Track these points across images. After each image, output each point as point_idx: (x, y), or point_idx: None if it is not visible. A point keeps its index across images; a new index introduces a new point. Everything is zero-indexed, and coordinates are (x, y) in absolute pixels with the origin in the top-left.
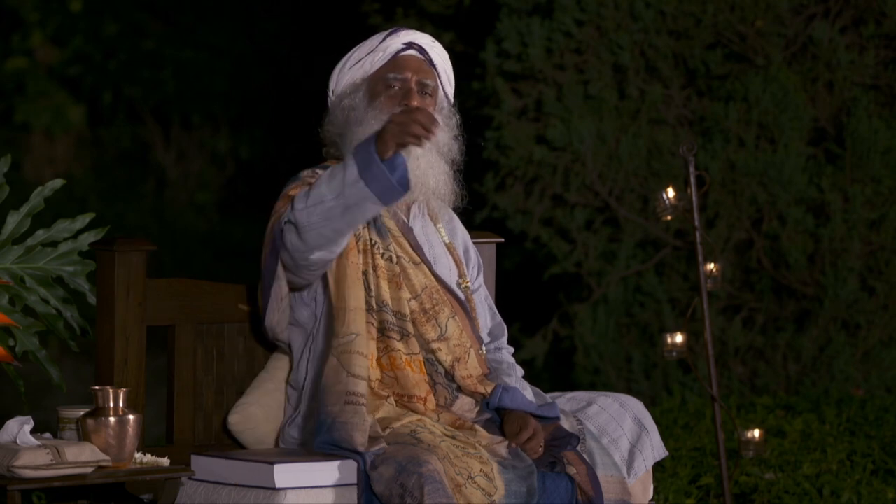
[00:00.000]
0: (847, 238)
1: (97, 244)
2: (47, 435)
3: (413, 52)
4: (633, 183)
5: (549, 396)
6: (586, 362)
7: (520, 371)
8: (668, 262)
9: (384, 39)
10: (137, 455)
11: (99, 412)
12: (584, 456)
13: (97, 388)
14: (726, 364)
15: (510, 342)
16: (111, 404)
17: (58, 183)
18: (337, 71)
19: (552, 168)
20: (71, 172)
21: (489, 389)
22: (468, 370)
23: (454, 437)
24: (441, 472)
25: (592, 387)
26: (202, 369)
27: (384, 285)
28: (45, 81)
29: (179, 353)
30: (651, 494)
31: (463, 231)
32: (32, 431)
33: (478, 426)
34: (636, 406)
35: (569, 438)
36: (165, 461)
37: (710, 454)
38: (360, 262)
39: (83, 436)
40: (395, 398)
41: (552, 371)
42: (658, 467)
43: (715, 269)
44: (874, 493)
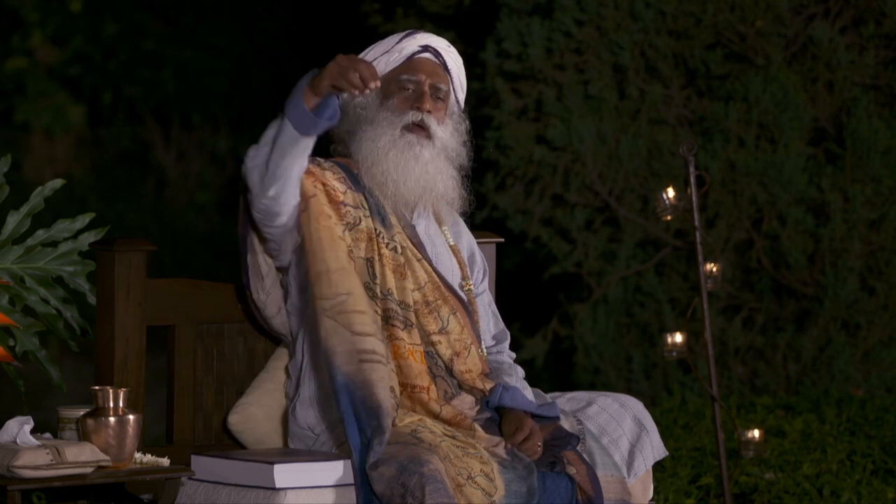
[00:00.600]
0: (847, 238)
1: (97, 244)
2: (47, 435)
3: (429, 55)
4: (633, 183)
5: (549, 396)
6: (586, 362)
7: (521, 372)
8: (668, 262)
9: (400, 41)
10: (137, 455)
11: (99, 412)
12: (584, 456)
13: (97, 388)
14: (726, 364)
15: (511, 343)
16: (111, 404)
17: (58, 183)
18: None
19: (552, 168)
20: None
21: (489, 387)
22: (467, 365)
23: (454, 437)
24: (442, 472)
25: (592, 387)
26: (202, 369)
27: (389, 274)
28: (45, 81)
29: (179, 353)
30: (651, 494)
31: (469, 236)
32: (32, 431)
33: (477, 425)
34: (636, 406)
35: (569, 438)
36: (165, 461)
37: (710, 454)
38: (364, 249)
39: (83, 436)
40: (399, 388)
41: (552, 371)
42: (658, 467)
43: (715, 269)
44: (874, 493)
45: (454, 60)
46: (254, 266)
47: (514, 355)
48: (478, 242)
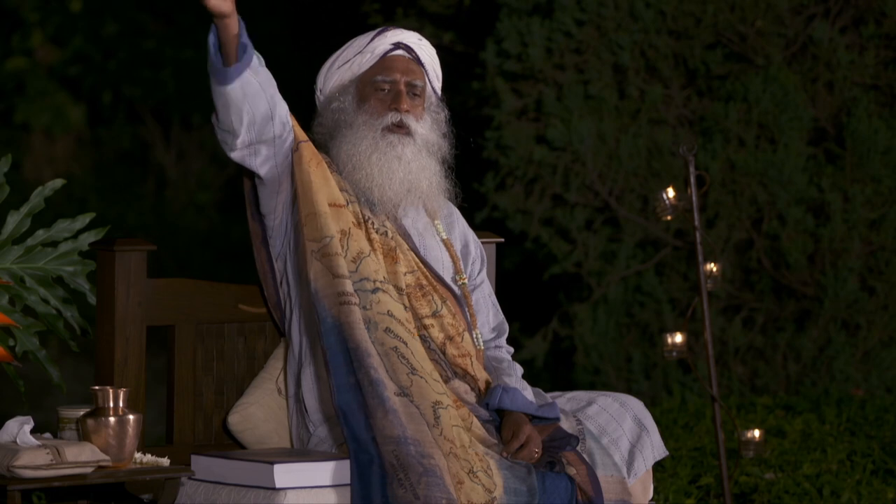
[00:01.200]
0: (847, 238)
1: (97, 244)
2: (47, 435)
3: (401, 51)
4: (633, 183)
5: (549, 396)
6: (586, 362)
7: (519, 370)
8: (668, 262)
9: (372, 40)
10: (137, 455)
11: (99, 412)
12: (584, 456)
13: (97, 388)
14: (726, 364)
15: (510, 342)
16: (111, 404)
17: (58, 183)
18: (325, 70)
19: (552, 168)
20: (71, 172)
21: (479, 374)
22: (460, 349)
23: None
24: (443, 469)
25: (592, 387)
26: (202, 369)
27: (380, 258)
28: (45, 81)
29: (179, 353)
30: (651, 494)
31: (463, 224)
32: (32, 431)
33: (475, 418)
34: (636, 406)
35: (568, 439)
36: (165, 461)
37: (710, 454)
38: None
39: (83, 436)
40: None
41: (552, 371)
42: (658, 467)
43: (715, 269)
44: (874, 493)
45: (427, 52)
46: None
47: (511, 350)
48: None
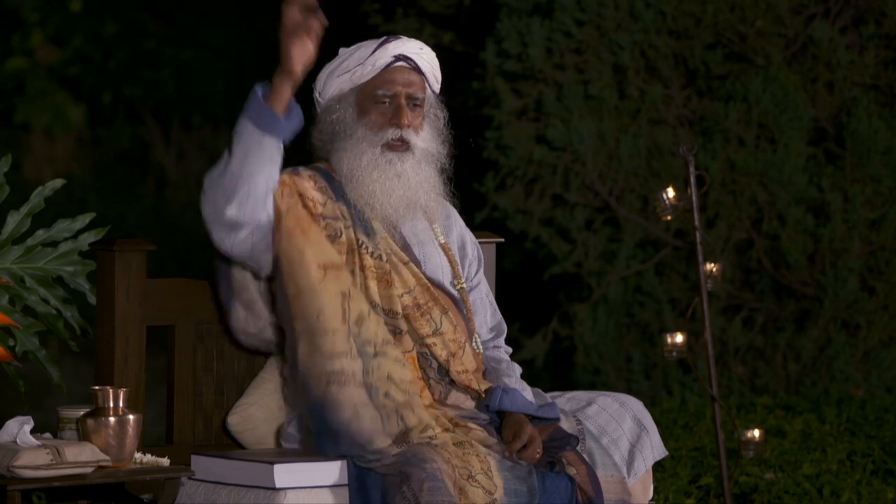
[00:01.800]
0: (847, 238)
1: (97, 244)
2: (47, 435)
3: (402, 63)
4: (633, 183)
5: (549, 396)
6: (586, 362)
7: (518, 370)
8: (668, 262)
9: (373, 52)
10: (137, 455)
11: (99, 412)
12: (584, 456)
13: (97, 388)
14: (726, 364)
15: (510, 342)
16: (111, 404)
17: (58, 183)
18: (324, 75)
19: (552, 168)
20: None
21: (483, 387)
22: (463, 365)
23: (453, 433)
24: (444, 473)
25: (592, 387)
26: (202, 369)
27: (373, 285)
28: (45, 81)
29: (179, 353)
30: (651, 494)
31: (460, 225)
32: (32, 431)
33: (472, 424)
34: (636, 406)
35: (568, 439)
36: (165, 461)
37: (710, 454)
38: (344, 261)
39: (83, 436)
40: None
41: (552, 371)
42: (658, 467)
43: (715, 269)
44: (874, 493)
45: (427, 60)
46: (230, 278)
47: (510, 350)
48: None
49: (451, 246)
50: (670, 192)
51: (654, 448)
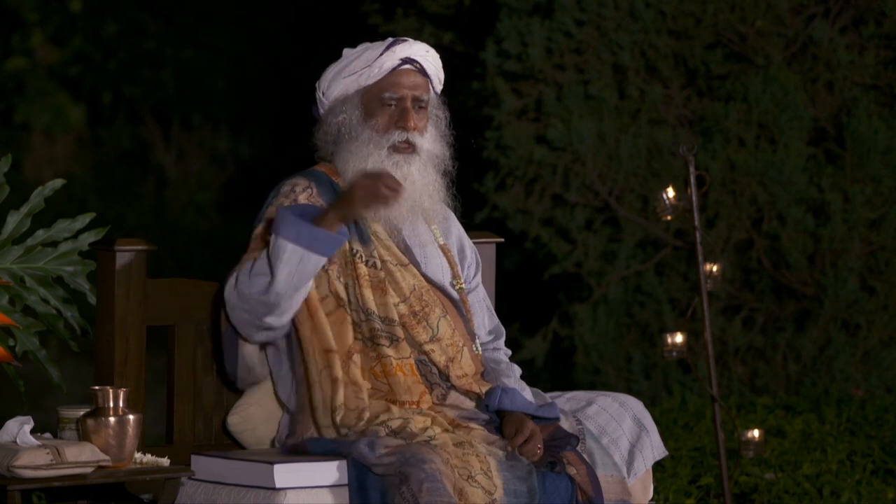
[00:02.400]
0: (847, 238)
1: (97, 244)
2: (47, 435)
3: (408, 66)
4: (633, 183)
5: (548, 396)
6: (586, 362)
7: (517, 371)
8: (668, 262)
9: (381, 55)
10: (137, 455)
11: (99, 412)
12: (584, 456)
13: (97, 388)
14: (726, 364)
15: (510, 342)
16: (111, 404)
17: (58, 183)
18: (329, 76)
19: (552, 168)
20: (71, 172)
21: (483, 389)
22: (462, 369)
23: (453, 433)
24: (443, 474)
25: (592, 387)
26: (202, 369)
27: (368, 294)
28: (45, 81)
29: (179, 353)
30: (651, 494)
31: (458, 229)
32: (32, 431)
33: (473, 425)
34: (636, 406)
35: (568, 439)
36: (165, 461)
37: (710, 454)
38: (341, 273)
39: (83, 436)
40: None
41: (552, 371)
42: (658, 467)
43: (715, 269)
44: (874, 493)
45: (432, 62)
46: (242, 357)
47: (509, 352)
48: (477, 242)
49: (451, 248)
50: (670, 192)
51: (654, 448)
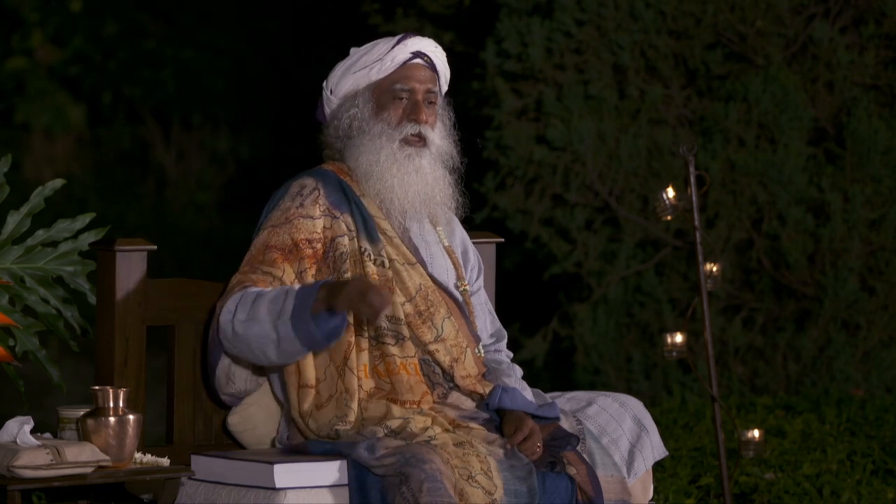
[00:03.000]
0: (847, 238)
1: (97, 244)
2: (47, 435)
3: (419, 60)
4: (633, 183)
5: (548, 396)
6: (586, 362)
7: (519, 371)
8: (668, 262)
9: (392, 48)
10: (137, 455)
11: (99, 412)
12: (584, 456)
13: (97, 388)
14: (726, 364)
15: (510, 343)
16: (111, 404)
17: (58, 183)
18: (338, 72)
19: (552, 168)
20: (71, 172)
21: (487, 390)
22: (466, 370)
23: (454, 433)
24: (444, 474)
25: (592, 387)
26: (202, 369)
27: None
28: (45, 81)
29: (179, 353)
30: (651, 494)
31: (462, 232)
32: (32, 431)
33: (473, 424)
34: (636, 406)
35: (568, 438)
36: (165, 461)
37: (710, 454)
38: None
39: (83, 436)
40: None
41: (552, 371)
42: (658, 467)
43: (715, 269)
44: (874, 493)
45: (441, 59)
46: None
47: (511, 354)
48: (478, 242)
49: (455, 249)
50: (670, 192)
51: (654, 448)
